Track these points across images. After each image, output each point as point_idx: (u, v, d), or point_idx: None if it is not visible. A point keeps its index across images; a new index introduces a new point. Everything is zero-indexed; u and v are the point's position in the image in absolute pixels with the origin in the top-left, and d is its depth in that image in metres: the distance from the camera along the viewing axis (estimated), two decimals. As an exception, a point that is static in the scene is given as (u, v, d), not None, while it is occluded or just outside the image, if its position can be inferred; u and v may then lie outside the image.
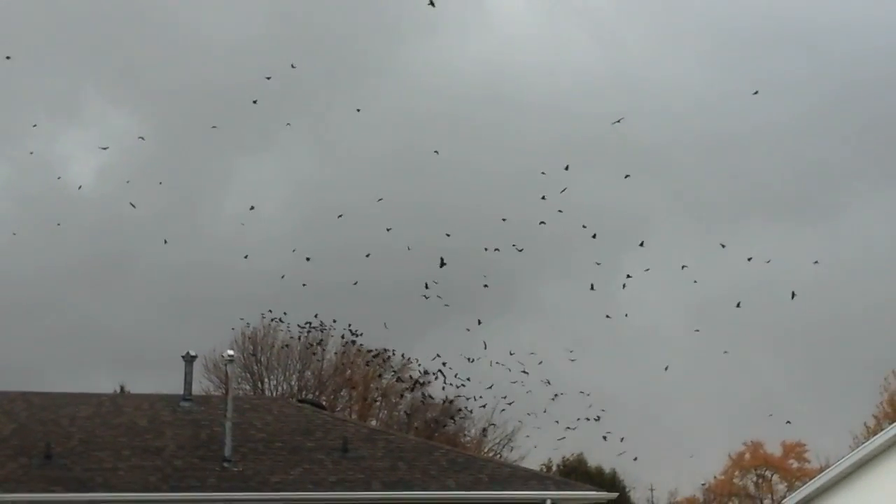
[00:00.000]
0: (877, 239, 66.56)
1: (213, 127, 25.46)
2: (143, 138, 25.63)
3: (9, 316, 46.61)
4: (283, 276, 27.81)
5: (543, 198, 25.07)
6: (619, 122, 24.25)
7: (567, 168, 24.58)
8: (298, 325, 41.78)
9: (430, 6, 20.64)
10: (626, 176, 28.17)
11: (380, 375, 51.06)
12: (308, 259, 28.24)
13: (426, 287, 26.75)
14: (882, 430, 27.68)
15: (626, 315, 28.22)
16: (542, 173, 24.58)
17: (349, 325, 32.75)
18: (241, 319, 45.00)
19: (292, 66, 23.54)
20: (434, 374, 33.87)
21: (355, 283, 27.68)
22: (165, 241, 30.44)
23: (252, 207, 26.91)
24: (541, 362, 28.60)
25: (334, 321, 35.35)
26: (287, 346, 49.09)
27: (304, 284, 28.58)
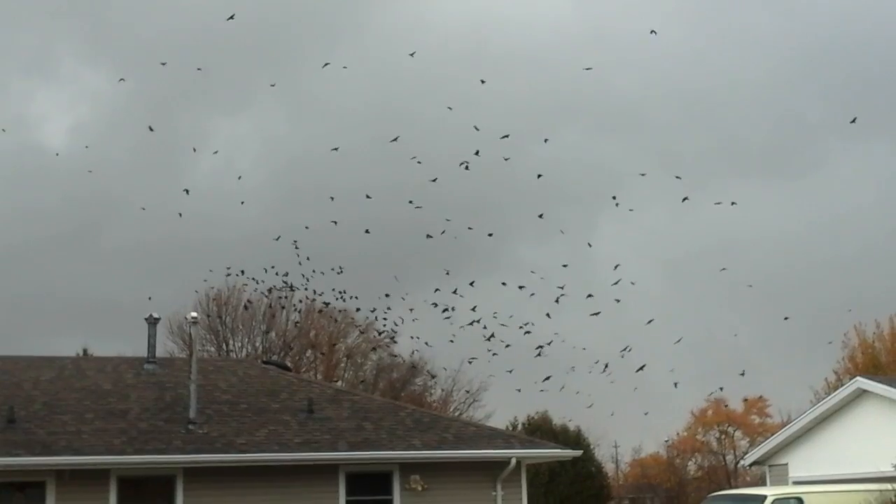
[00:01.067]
0: (851, 193, 67.06)
1: (163, 73, 24.89)
2: (123, 79, 25.10)
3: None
4: (242, 201, 27.26)
5: (507, 159, 24.98)
6: (589, 69, 24.29)
7: (483, 81, 24.37)
8: (263, 292, 41.46)
9: None
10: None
11: (335, 320, 50.90)
12: (277, 239, 27.98)
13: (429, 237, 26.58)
14: (842, 385, 28.07)
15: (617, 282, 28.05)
16: (505, 136, 24.39)
17: (305, 276, 32.08)
18: (205, 281, 44.69)
19: (230, 17, 22.78)
20: (393, 328, 33.74)
21: (307, 227, 27.41)
22: (143, 208, 29.53)
23: (240, 177, 26.60)
24: (537, 290, 28.21)
25: (305, 279, 34.94)
26: (250, 302, 48.76)
27: (277, 238, 28.21)
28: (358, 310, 43.21)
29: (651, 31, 24.68)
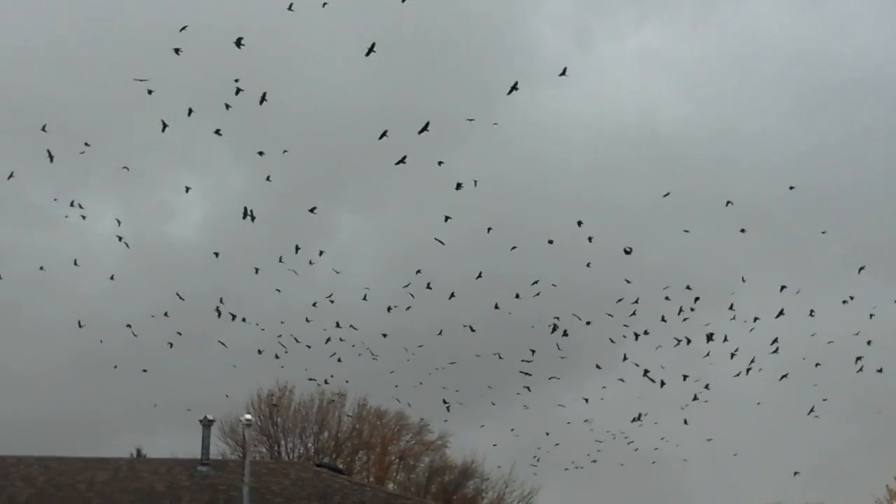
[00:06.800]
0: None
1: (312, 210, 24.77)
2: (269, 179, 25.19)
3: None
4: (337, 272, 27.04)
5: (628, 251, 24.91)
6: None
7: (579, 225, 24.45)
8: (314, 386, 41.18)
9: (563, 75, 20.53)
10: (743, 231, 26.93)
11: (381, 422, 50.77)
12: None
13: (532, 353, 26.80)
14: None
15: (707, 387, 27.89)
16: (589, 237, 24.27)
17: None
18: (257, 382, 44.75)
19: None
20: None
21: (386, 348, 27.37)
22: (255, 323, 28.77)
23: (338, 272, 26.62)
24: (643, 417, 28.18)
25: (346, 381, 34.72)
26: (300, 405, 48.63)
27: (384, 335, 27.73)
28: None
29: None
